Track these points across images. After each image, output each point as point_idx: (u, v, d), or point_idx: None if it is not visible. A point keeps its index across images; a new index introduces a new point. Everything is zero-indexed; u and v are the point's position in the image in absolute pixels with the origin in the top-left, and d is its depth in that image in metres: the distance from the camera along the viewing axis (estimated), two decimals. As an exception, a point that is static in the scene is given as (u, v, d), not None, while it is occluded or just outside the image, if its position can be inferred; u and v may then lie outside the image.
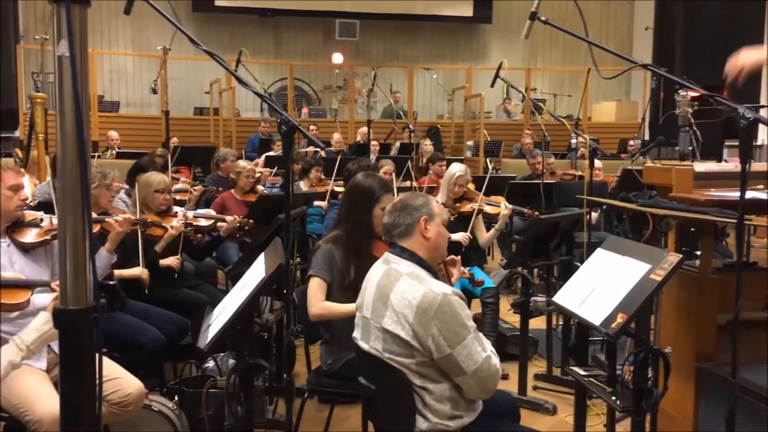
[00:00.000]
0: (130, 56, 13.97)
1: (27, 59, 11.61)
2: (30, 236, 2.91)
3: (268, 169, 8.34)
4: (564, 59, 15.12)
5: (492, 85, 5.00)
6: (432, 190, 6.30)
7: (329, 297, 3.08)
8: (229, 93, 11.82)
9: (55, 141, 1.23)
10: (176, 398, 3.35)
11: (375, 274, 2.40)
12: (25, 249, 2.88)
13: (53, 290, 2.44)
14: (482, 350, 2.22)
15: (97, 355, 1.35)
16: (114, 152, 9.29)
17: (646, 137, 11.59)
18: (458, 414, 2.26)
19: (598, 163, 5.67)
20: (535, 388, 4.18)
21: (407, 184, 6.47)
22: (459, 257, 2.79)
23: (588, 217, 4.42)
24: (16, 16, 12.10)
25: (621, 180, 5.94)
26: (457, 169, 4.78)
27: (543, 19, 2.43)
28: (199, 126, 12.16)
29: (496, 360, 2.27)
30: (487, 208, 4.91)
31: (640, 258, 2.50)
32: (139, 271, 3.72)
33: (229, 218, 4.27)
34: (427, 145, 9.84)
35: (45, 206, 3.35)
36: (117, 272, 3.56)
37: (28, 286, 2.38)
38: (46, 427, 2.49)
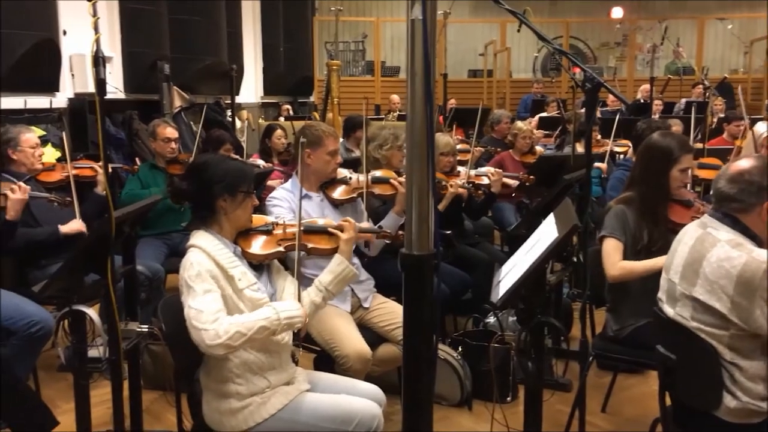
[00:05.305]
0: (410, 22, 14.56)
1: (321, 30, 12.69)
2: (339, 192, 3.21)
3: (542, 130, 8.24)
4: None
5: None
6: (726, 153, 5.73)
7: None
8: (504, 54, 11.83)
9: (406, 103, 1.34)
10: (460, 349, 3.51)
11: (688, 238, 2.26)
12: (335, 204, 3.19)
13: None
14: None
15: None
16: (395, 114, 9.84)
17: None
18: (775, 395, 2.07)
19: None
20: None
21: (698, 146, 5.95)
22: None
23: None
24: (312, -10, 13.28)
25: None
26: (765, 128, 4.28)
27: None
28: (473, 88, 12.37)
29: None
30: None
31: None
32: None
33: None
34: (719, 104, 8.95)
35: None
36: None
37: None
38: (352, 362, 2.77)
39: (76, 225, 3.65)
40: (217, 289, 2.20)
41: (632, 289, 2.92)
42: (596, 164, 5.64)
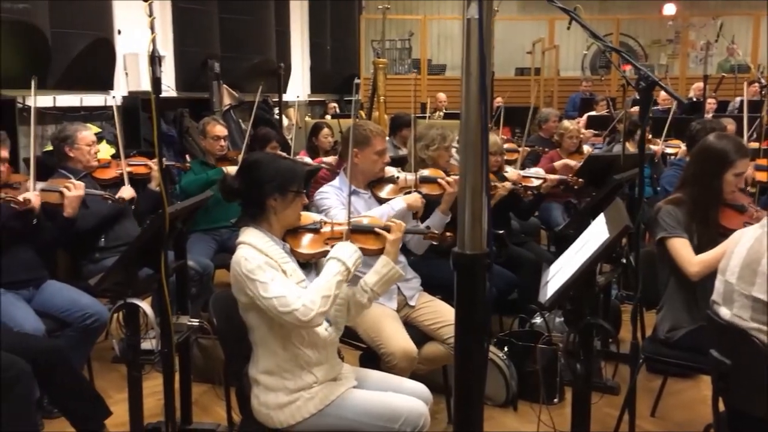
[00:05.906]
0: (457, 20, 14.48)
1: (367, 28, 12.71)
2: (387, 191, 3.21)
3: (591, 130, 8.11)
4: None
5: None
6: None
7: None
8: (552, 52, 11.68)
9: (460, 102, 1.34)
10: (505, 349, 3.49)
11: (746, 239, 2.22)
12: (383, 203, 3.19)
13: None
14: None
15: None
16: (441, 113, 9.80)
17: None
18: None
19: None
20: None
21: (754, 145, 5.78)
22: None
23: None
24: (360, -13, 13.31)
25: None
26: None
27: None
28: (520, 86, 12.25)
29: None
30: None
31: None
32: None
33: (554, 176, 4.31)
34: (775, 102, 8.68)
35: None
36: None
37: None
38: (397, 360, 2.78)
39: (129, 191, 3.86)
40: (280, 273, 2.24)
41: (685, 292, 2.86)
42: (654, 149, 5.52)
